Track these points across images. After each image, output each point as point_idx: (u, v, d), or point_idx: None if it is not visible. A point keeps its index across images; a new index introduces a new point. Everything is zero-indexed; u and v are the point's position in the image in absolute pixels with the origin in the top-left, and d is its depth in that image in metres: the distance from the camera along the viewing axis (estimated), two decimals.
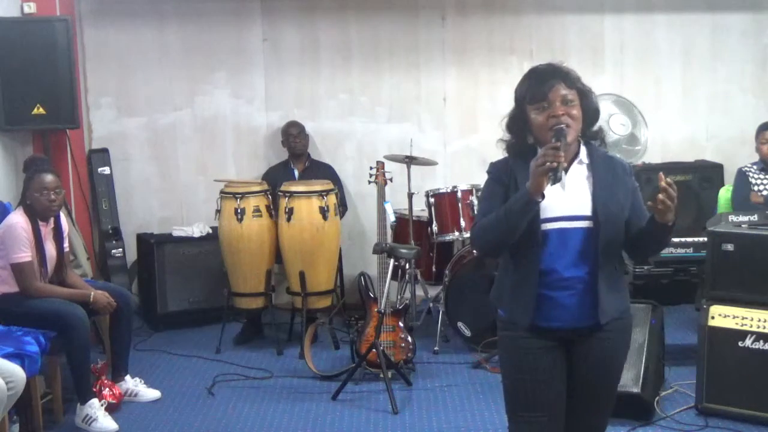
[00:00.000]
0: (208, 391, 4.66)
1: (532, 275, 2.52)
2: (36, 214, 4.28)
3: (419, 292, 5.68)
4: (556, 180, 2.36)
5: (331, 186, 5.40)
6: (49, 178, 4.29)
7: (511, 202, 2.47)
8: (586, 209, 2.51)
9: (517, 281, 2.57)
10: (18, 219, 4.24)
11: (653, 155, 6.08)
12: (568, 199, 2.52)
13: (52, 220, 4.37)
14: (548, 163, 2.33)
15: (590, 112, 2.57)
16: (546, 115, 2.48)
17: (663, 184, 2.39)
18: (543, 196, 2.39)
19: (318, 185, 5.36)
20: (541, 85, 2.50)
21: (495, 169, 2.66)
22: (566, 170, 2.48)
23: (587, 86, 2.58)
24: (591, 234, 2.50)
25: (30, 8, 5.45)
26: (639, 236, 2.56)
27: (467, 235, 5.44)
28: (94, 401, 4.18)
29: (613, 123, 5.44)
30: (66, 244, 4.52)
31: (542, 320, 2.54)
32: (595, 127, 2.62)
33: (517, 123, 2.60)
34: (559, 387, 2.59)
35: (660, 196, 2.39)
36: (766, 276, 3.95)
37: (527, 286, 2.53)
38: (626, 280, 2.70)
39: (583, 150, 2.59)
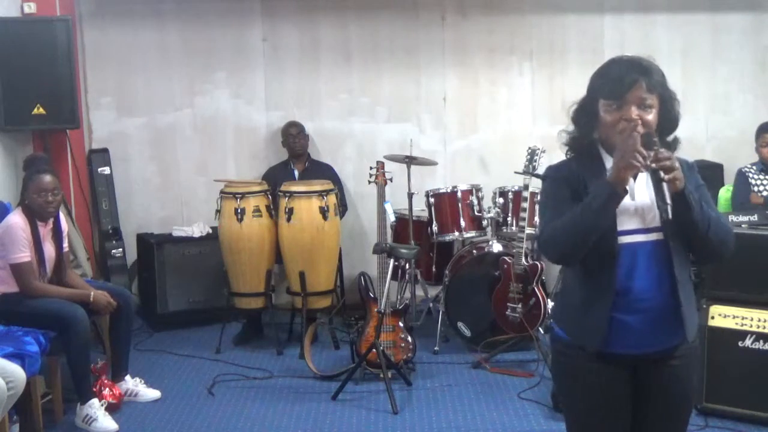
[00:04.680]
0: (208, 391, 4.66)
1: (605, 296, 2.27)
2: (34, 214, 4.27)
3: (419, 292, 5.68)
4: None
5: (331, 186, 5.39)
6: (47, 179, 4.27)
7: (588, 199, 2.22)
8: (656, 220, 2.28)
9: (587, 302, 2.32)
10: (16, 219, 4.23)
11: None
12: (638, 210, 2.28)
13: (51, 220, 4.37)
14: (636, 162, 2.12)
15: (667, 121, 2.31)
16: (618, 116, 2.24)
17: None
18: (626, 190, 2.18)
19: (318, 185, 5.36)
20: (620, 81, 2.23)
21: (558, 172, 2.39)
22: (634, 179, 2.25)
23: (671, 91, 2.31)
24: (664, 247, 2.27)
25: (30, 8, 5.45)
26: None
27: (467, 235, 5.45)
28: (94, 401, 4.18)
29: None
30: (65, 245, 4.51)
31: (613, 346, 2.30)
32: (670, 138, 2.34)
33: (586, 115, 2.34)
34: (627, 422, 2.39)
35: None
36: (766, 276, 3.95)
37: (599, 307, 2.28)
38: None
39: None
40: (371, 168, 5.15)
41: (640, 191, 2.31)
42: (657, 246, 2.28)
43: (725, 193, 5.47)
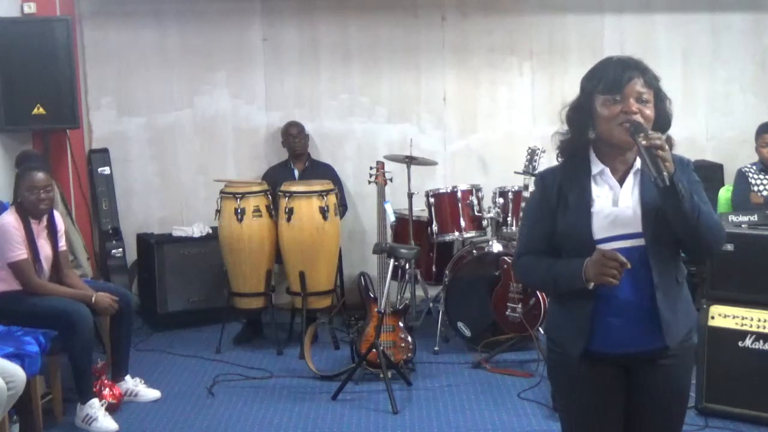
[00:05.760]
0: (208, 391, 4.66)
1: (587, 302, 2.30)
2: (27, 212, 4.26)
3: (419, 292, 5.68)
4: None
5: (331, 186, 5.39)
6: (39, 176, 4.24)
7: (562, 273, 2.31)
8: (639, 226, 2.28)
9: (570, 306, 2.36)
10: (8, 218, 4.22)
11: None
12: (620, 216, 2.29)
13: (45, 218, 4.35)
14: (612, 281, 2.17)
15: (661, 119, 2.32)
16: (616, 109, 2.25)
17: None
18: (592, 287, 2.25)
19: (318, 185, 5.36)
20: (618, 75, 2.26)
21: (543, 184, 2.42)
22: (621, 183, 2.32)
23: (663, 92, 2.35)
24: (645, 252, 2.27)
25: (30, 8, 5.45)
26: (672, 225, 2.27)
27: (467, 235, 5.45)
28: (95, 401, 4.18)
29: None
30: (62, 243, 4.48)
31: (598, 345, 2.32)
32: (663, 137, 2.28)
33: (581, 114, 2.33)
34: (617, 423, 2.40)
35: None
36: (766, 276, 3.95)
37: (581, 312, 2.32)
38: (686, 289, 2.43)
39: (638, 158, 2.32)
40: (371, 168, 5.15)
41: (625, 198, 2.31)
42: (639, 251, 2.27)
43: (725, 193, 5.47)
